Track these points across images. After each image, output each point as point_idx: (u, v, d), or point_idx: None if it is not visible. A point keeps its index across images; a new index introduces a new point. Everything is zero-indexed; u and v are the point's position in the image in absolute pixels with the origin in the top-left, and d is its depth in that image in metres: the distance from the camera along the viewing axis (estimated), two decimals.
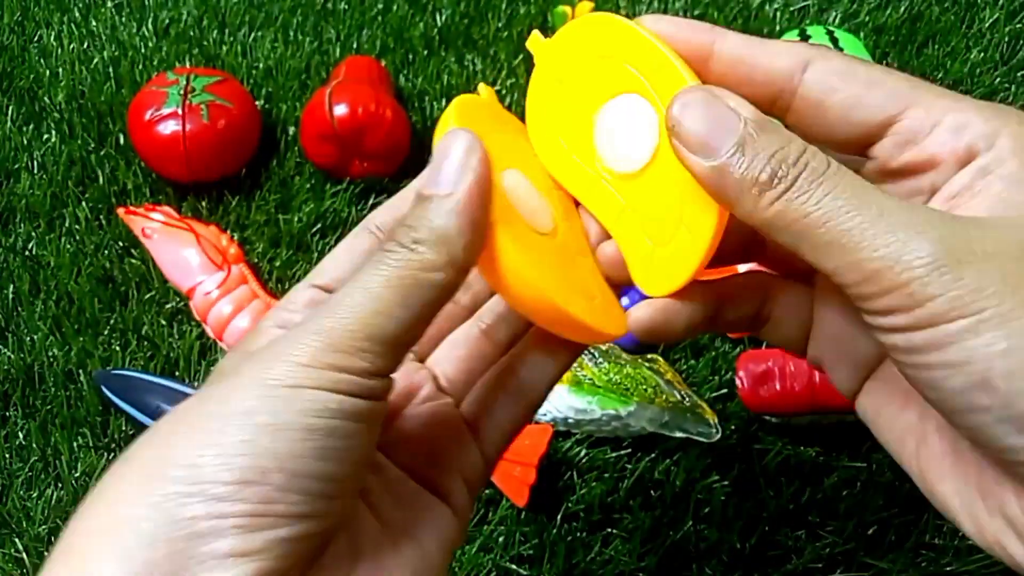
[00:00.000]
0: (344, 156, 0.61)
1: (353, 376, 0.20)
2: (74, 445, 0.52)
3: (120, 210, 0.61)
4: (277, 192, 0.63)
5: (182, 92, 0.60)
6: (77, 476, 0.51)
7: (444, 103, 0.68)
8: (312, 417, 0.19)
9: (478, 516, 0.50)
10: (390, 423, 0.25)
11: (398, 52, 0.71)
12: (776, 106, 0.23)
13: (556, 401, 0.52)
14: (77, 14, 0.74)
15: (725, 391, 0.54)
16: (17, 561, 0.48)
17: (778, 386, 0.51)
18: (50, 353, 0.56)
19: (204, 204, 0.62)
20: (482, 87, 0.67)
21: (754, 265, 0.28)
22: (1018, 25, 0.76)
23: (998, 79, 0.72)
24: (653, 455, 0.52)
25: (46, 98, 0.68)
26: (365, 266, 0.21)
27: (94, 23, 0.74)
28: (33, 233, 0.61)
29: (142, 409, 0.52)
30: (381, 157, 0.62)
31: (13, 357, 0.55)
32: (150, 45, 0.72)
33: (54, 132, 0.66)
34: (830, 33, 0.64)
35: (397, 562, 0.22)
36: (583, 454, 0.52)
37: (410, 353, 0.27)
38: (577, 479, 0.52)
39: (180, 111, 0.59)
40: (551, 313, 0.23)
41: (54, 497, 0.50)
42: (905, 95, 0.21)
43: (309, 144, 0.61)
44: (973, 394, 0.18)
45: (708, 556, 0.50)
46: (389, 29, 0.73)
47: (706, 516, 0.50)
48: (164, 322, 0.57)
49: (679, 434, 0.51)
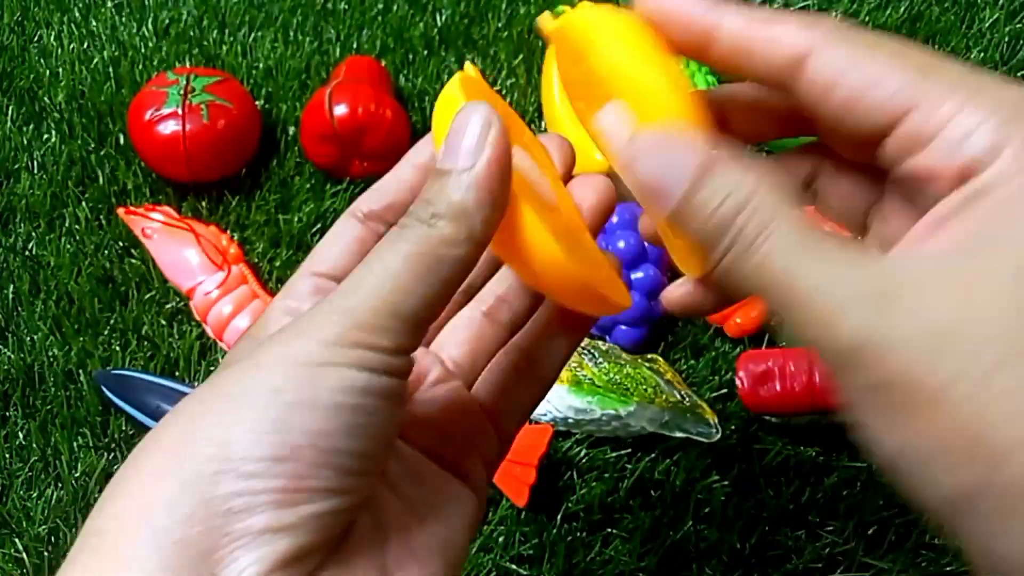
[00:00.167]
0: (344, 156, 0.61)
1: (378, 354, 0.20)
2: (74, 445, 0.52)
3: (120, 210, 0.61)
4: (277, 192, 0.63)
5: (182, 92, 0.60)
6: (77, 476, 0.51)
7: None
8: (341, 395, 0.19)
9: None
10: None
11: (398, 52, 0.71)
12: (786, 92, 0.22)
13: (556, 401, 0.52)
14: (77, 14, 0.74)
15: (725, 391, 0.54)
16: (17, 561, 0.48)
17: (778, 386, 0.51)
18: (50, 353, 0.56)
19: (204, 204, 0.62)
20: (468, 65, 0.66)
21: None
22: (1018, 25, 0.76)
23: None
24: (653, 455, 0.52)
25: (46, 98, 0.68)
26: (383, 243, 0.21)
27: (94, 23, 0.74)
28: (33, 233, 0.61)
29: (142, 409, 0.52)
30: (381, 157, 0.62)
31: (13, 357, 0.55)
32: (150, 45, 0.72)
33: (54, 132, 0.66)
34: None
35: (423, 539, 0.22)
36: (583, 454, 0.52)
37: None
38: (577, 479, 0.52)
39: (180, 111, 0.59)
40: (573, 286, 0.23)
41: (54, 497, 0.50)
42: (911, 91, 0.19)
43: (309, 144, 0.61)
44: (890, 470, 0.19)
45: (708, 556, 0.50)
46: (389, 29, 0.73)
47: (706, 516, 0.50)
48: (164, 322, 0.57)
49: (679, 434, 0.51)
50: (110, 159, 0.64)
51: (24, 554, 0.48)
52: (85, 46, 0.72)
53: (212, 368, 0.56)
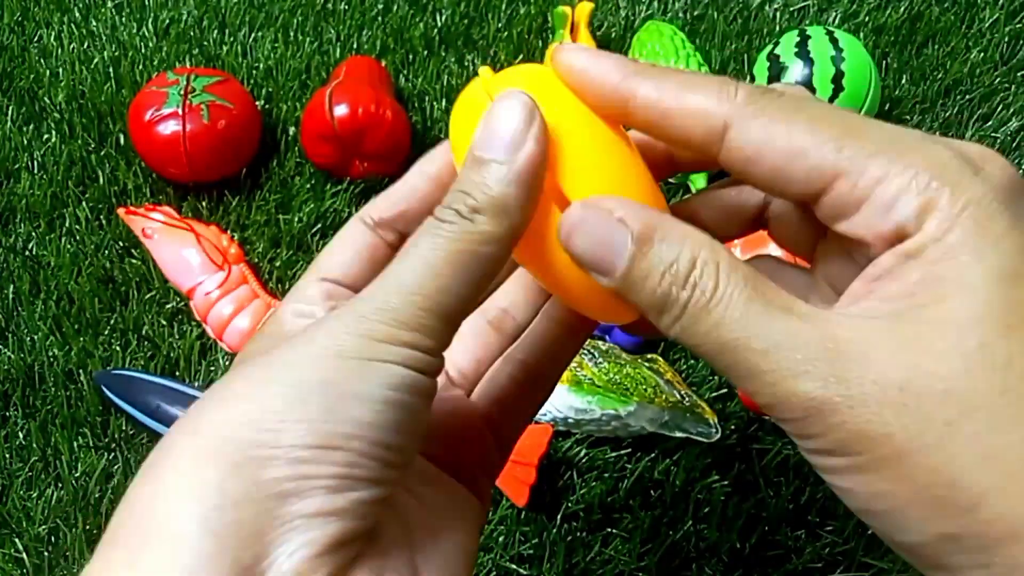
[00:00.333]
0: (344, 156, 0.61)
1: (420, 353, 0.20)
2: (74, 445, 0.52)
3: (120, 210, 0.61)
4: (277, 192, 0.63)
5: (182, 92, 0.60)
6: (77, 476, 0.51)
7: (444, 103, 0.68)
8: (389, 390, 0.19)
9: None
10: None
11: (398, 52, 0.71)
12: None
13: (556, 401, 0.52)
14: (77, 14, 0.74)
15: (725, 391, 0.54)
16: (17, 561, 0.48)
17: None
18: (50, 353, 0.56)
19: (204, 204, 0.62)
20: (484, 68, 0.67)
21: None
22: (1018, 25, 0.76)
23: (998, 79, 0.72)
24: (653, 455, 0.52)
25: (46, 98, 0.68)
26: (421, 236, 0.20)
27: (94, 23, 0.74)
28: (33, 233, 0.61)
29: (142, 409, 0.52)
30: (381, 157, 0.62)
31: (13, 357, 0.55)
32: (150, 45, 0.72)
33: (54, 132, 0.66)
34: (830, 33, 0.64)
35: (446, 540, 0.23)
36: (583, 454, 0.52)
37: None
38: (577, 479, 0.52)
39: (180, 111, 0.59)
40: (593, 289, 0.22)
41: (54, 497, 0.50)
42: (833, 159, 0.19)
43: (309, 144, 0.61)
44: (864, 517, 0.20)
45: (708, 556, 0.50)
46: (389, 29, 0.73)
47: (706, 516, 0.50)
48: (164, 322, 0.57)
49: (679, 434, 0.51)
50: (110, 159, 0.64)
51: (24, 554, 0.49)
52: (85, 46, 0.72)
53: (212, 368, 0.56)
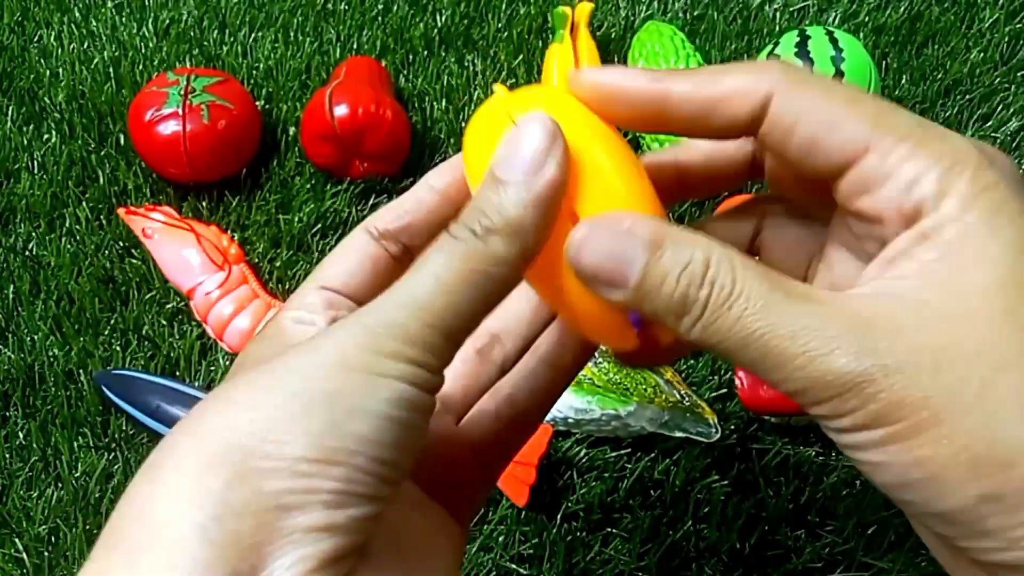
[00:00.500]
0: (344, 156, 0.61)
1: (424, 371, 0.20)
2: (74, 445, 0.52)
3: (120, 210, 0.61)
4: (277, 192, 0.63)
5: (182, 92, 0.60)
6: (77, 476, 0.51)
7: (444, 103, 0.68)
8: (393, 407, 0.19)
9: (478, 516, 0.50)
10: None
11: (398, 52, 0.72)
12: (744, 139, 0.22)
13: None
14: (77, 14, 0.75)
15: (725, 391, 0.54)
16: (17, 561, 0.48)
17: None
18: (50, 353, 0.56)
19: (205, 204, 0.62)
20: (498, 86, 0.67)
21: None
22: (1018, 25, 0.76)
23: (998, 79, 0.72)
24: (653, 455, 0.52)
25: (46, 98, 0.68)
26: (434, 252, 0.20)
27: (94, 23, 0.74)
28: (33, 233, 0.61)
29: (142, 409, 0.52)
30: (381, 157, 0.62)
31: (13, 357, 0.55)
32: (150, 45, 0.72)
33: (54, 132, 0.66)
34: (830, 33, 0.64)
35: (434, 561, 0.23)
36: (583, 454, 0.52)
37: None
38: (577, 479, 0.52)
39: (180, 111, 0.59)
40: (602, 310, 0.22)
41: (54, 497, 0.50)
42: (866, 135, 0.20)
43: (309, 144, 0.61)
44: (899, 491, 0.19)
45: (708, 556, 0.50)
46: (389, 29, 0.73)
47: (705, 516, 0.50)
48: (164, 322, 0.57)
49: (679, 434, 0.51)
50: (110, 159, 0.64)
51: (24, 554, 0.49)
52: (85, 46, 0.72)
53: (212, 368, 0.56)
